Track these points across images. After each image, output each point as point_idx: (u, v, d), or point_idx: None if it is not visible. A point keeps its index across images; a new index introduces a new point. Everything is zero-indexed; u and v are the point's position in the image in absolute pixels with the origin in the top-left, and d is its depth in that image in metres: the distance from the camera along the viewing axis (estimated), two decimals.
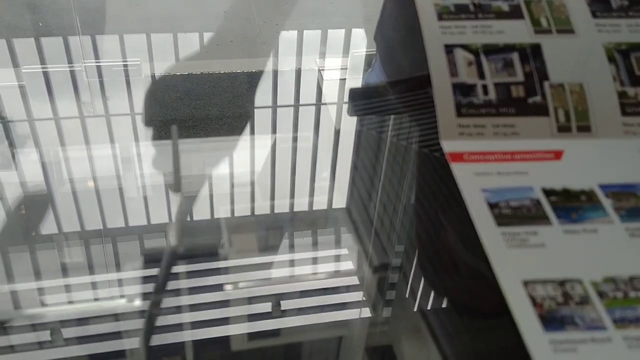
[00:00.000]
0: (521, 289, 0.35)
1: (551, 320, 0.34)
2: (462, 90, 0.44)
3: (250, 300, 0.43)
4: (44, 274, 0.44)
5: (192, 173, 0.54)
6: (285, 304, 0.42)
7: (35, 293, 0.43)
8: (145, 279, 0.44)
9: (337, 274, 0.46)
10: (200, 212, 0.51)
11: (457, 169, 0.42)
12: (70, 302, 0.42)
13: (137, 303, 0.42)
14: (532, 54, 0.45)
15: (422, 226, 0.47)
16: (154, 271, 0.44)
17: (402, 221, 0.49)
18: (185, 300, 0.42)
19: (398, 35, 0.73)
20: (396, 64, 0.73)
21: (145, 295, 0.42)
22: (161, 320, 0.41)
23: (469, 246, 0.42)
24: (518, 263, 0.37)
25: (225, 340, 0.40)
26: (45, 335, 0.39)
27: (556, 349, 0.33)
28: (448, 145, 0.44)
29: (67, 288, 0.43)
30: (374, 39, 0.83)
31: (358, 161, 0.54)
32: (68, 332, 0.40)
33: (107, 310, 0.41)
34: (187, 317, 0.41)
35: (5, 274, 0.43)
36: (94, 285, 0.43)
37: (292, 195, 0.53)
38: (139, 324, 0.40)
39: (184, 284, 0.43)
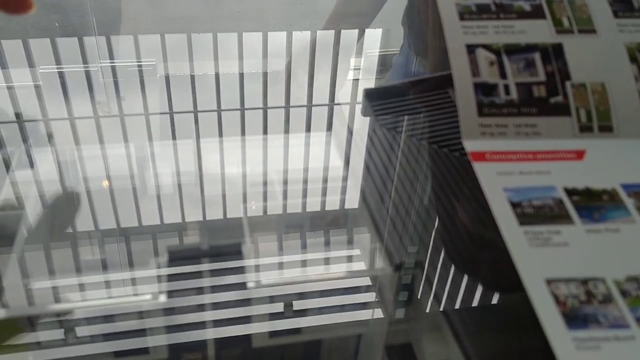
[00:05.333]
0: (544, 287, 0.35)
1: (574, 319, 0.34)
2: (484, 90, 0.45)
3: (263, 300, 0.43)
4: (64, 271, 0.44)
5: (206, 173, 0.54)
6: (298, 304, 0.42)
7: (52, 291, 0.43)
8: (160, 278, 0.44)
9: (350, 274, 0.46)
10: (214, 212, 0.51)
11: (479, 168, 0.43)
12: (87, 300, 0.42)
13: (154, 301, 0.42)
14: (554, 54, 0.45)
15: (443, 224, 0.48)
16: (168, 270, 0.44)
17: (418, 221, 0.49)
18: (197, 299, 0.42)
19: (425, 19, 0.73)
20: (425, 47, 0.74)
21: (162, 293, 0.42)
22: (175, 319, 0.41)
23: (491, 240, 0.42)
24: (541, 262, 0.37)
25: (238, 339, 0.40)
26: (60, 333, 0.39)
27: (579, 346, 0.33)
28: (470, 145, 0.44)
29: (84, 286, 0.43)
30: (401, 24, 0.83)
31: (371, 161, 0.55)
32: (84, 330, 0.40)
33: (123, 308, 0.42)
34: (199, 317, 0.41)
35: (22, 272, 0.44)
36: (107, 284, 0.44)
37: (305, 195, 0.53)
38: (156, 322, 0.41)
39: (196, 283, 0.43)
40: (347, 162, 0.56)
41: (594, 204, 0.40)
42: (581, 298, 0.35)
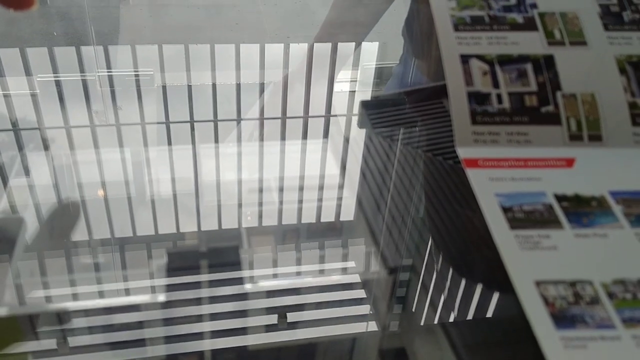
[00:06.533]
0: (533, 288, 0.36)
1: (562, 319, 0.35)
2: (477, 98, 0.46)
3: (256, 311, 0.43)
4: (59, 280, 0.44)
5: (202, 183, 0.55)
6: (291, 316, 0.43)
7: (45, 300, 0.43)
8: (154, 288, 0.44)
9: (344, 285, 0.46)
10: (209, 222, 0.51)
11: (472, 174, 0.43)
12: (81, 310, 0.42)
13: (149, 311, 0.42)
14: (546, 65, 0.46)
15: (438, 231, 0.48)
16: (163, 280, 0.45)
17: (413, 230, 0.49)
18: (191, 310, 0.42)
19: (425, 29, 0.75)
20: (424, 56, 0.75)
21: (156, 303, 0.43)
22: (169, 330, 0.41)
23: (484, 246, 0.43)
24: (531, 264, 0.38)
25: (231, 350, 0.40)
26: (53, 343, 0.39)
27: (567, 345, 0.34)
28: (463, 152, 0.45)
29: (77, 296, 0.44)
30: (401, 35, 0.84)
31: (367, 170, 0.55)
32: (78, 340, 0.40)
33: (118, 319, 0.42)
34: (193, 327, 0.41)
35: (17, 280, 0.44)
36: (101, 294, 0.44)
37: (301, 205, 0.54)
38: (151, 332, 0.41)
39: (189, 294, 0.44)
40: (342, 171, 0.57)
41: (582, 210, 0.41)
42: (569, 299, 0.36)
